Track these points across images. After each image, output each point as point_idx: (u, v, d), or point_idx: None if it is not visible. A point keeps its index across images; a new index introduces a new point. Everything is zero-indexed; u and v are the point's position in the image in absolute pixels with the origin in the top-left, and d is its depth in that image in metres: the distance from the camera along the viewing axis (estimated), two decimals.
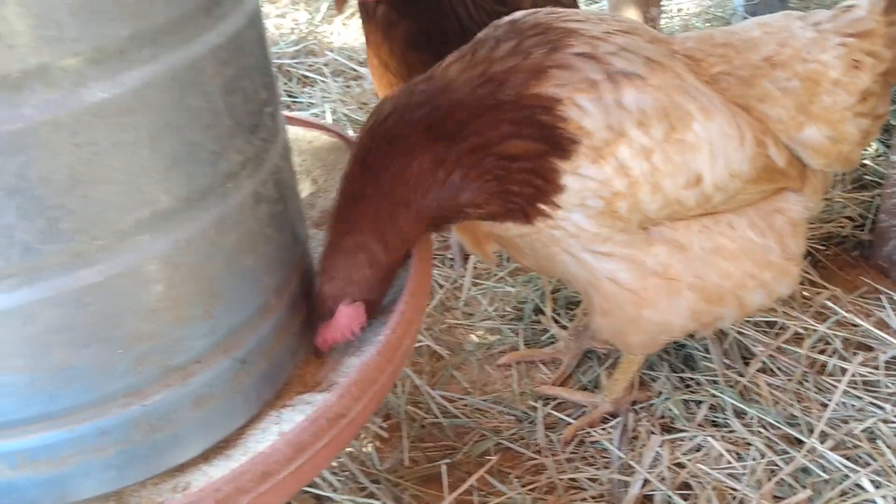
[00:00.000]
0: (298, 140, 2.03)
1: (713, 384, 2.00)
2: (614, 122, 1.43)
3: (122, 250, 1.09)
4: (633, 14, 2.90)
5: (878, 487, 1.73)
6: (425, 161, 1.44)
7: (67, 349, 1.10)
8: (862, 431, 1.85)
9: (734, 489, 1.76)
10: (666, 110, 1.46)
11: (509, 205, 1.50)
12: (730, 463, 1.81)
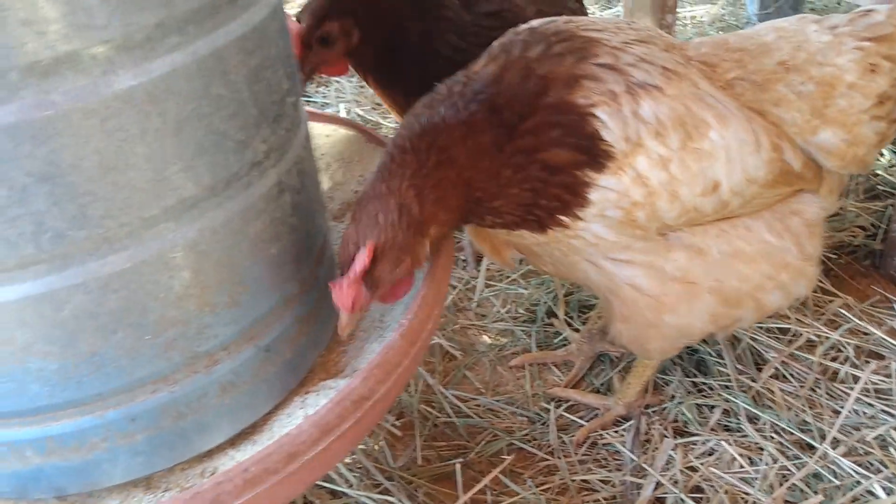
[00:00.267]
0: (316, 135, 2.05)
1: (726, 389, 2.00)
2: (632, 134, 1.43)
3: (150, 237, 1.10)
4: (649, 20, 2.91)
5: (890, 494, 1.72)
6: (486, 137, 1.43)
7: (96, 335, 1.12)
8: (874, 438, 1.85)
9: (746, 493, 1.76)
10: (682, 119, 1.47)
11: (529, 217, 1.51)
12: (742, 467, 1.81)
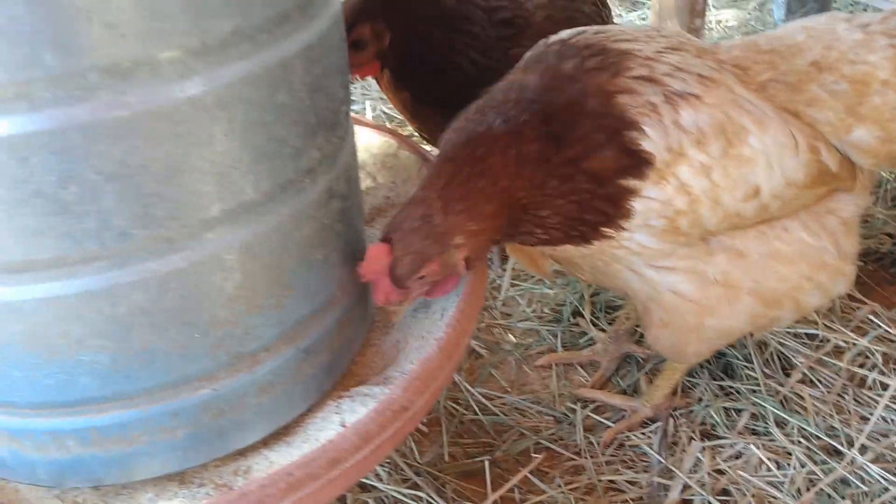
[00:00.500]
0: None
1: (753, 393, 2.01)
2: (674, 143, 1.45)
3: (207, 238, 1.13)
4: (677, 24, 2.91)
5: None
6: (533, 147, 1.44)
7: (149, 331, 1.14)
8: None
9: (774, 497, 1.77)
10: (722, 126, 1.48)
11: (573, 232, 1.52)
12: (770, 471, 1.83)
